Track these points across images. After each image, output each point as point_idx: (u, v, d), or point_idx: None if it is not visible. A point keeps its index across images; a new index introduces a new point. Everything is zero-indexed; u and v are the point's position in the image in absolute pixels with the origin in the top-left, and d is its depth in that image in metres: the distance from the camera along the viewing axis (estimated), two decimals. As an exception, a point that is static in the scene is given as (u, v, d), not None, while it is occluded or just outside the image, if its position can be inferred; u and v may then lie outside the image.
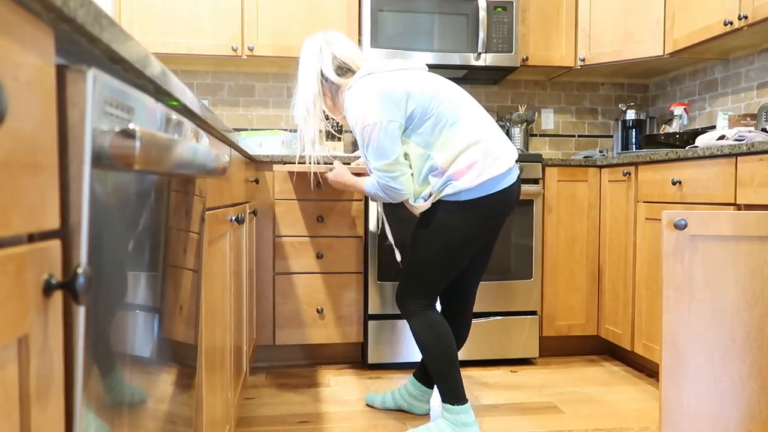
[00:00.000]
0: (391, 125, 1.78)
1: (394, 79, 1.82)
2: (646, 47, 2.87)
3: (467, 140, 1.77)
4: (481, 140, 1.78)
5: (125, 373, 0.69)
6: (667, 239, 1.61)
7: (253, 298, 2.43)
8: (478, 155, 1.76)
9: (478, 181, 1.75)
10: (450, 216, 1.80)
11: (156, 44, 2.78)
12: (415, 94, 1.79)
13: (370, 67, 1.87)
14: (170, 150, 0.65)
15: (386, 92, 1.79)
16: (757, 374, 1.59)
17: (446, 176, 1.77)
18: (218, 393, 1.41)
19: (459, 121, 1.79)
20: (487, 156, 1.77)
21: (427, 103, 1.79)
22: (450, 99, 1.81)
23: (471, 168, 1.76)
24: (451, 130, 1.78)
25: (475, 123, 1.81)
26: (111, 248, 0.63)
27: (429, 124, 1.79)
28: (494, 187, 1.77)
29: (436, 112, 1.79)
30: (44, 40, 0.51)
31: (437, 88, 1.82)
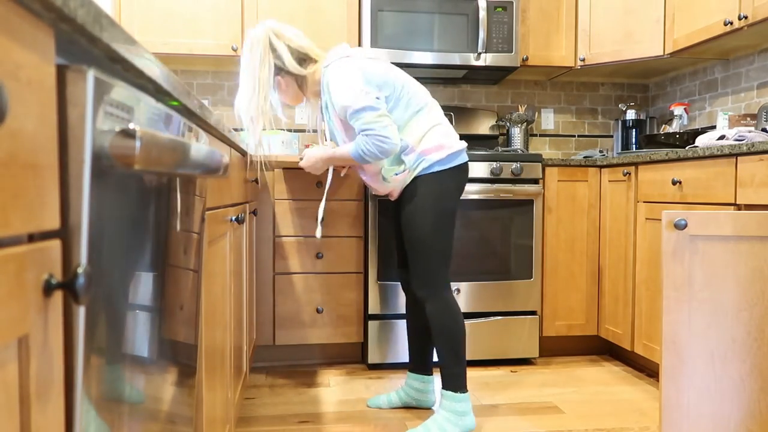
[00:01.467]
0: (376, 97, 1.89)
1: (372, 64, 1.94)
2: (646, 47, 2.87)
3: (431, 123, 1.97)
4: (441, 123, 1.99)
5: (125, 372, 0.69)
6: (667, 239, 1.60)
7: (253, 298, 2.43)
8: (441, 134, 1.97)
9: (446, 153, 1.94)
10: (430, 187, 1.95)
11: (156, 44, 2.78)
12: (390, 81, 1.93)
13: (344, 51, 1.96)
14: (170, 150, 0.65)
15: (368, 74, 1.90)
16: (758, 374, 1.59)
17: (417, 154, 1.94)
18: (218, 393, 1.41)
19: (424, 108, 1.98)
20: (448, 135, 1.98)
21: (399, 91, 1.94)
22: (416, 89, 2.00)
23: (438, 145, 1.95)
24: (418, 115, 1.97)
25: (435, 110, 2.02)
26: (111, 248, 0.63)
27: (400, 109, 1.94)
28: (457, 160, 1.97)
29: (406, 99, 1.95)
30: (44, 40, 0.51)
31: (405, 79, 1.99)
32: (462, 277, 2.65)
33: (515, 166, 2.65)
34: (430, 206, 1.94)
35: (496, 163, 2.65)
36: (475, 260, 2.65)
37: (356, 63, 1.91)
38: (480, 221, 2.65)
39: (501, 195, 2.64)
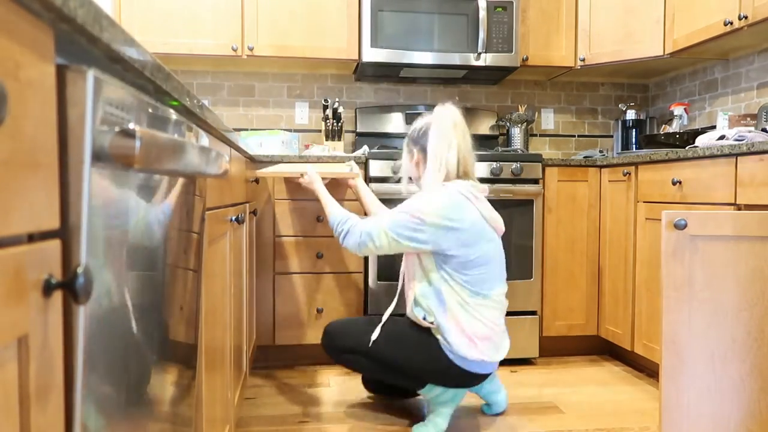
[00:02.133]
0: (423, 233, 1.85)
1: (474, 216, 1.88)
2: (646, 47, 2.87)
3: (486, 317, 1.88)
4: (493, 328, 1.89)
5: (125, 373, 0.69)
6: (667, 239, 1.60)
7: (253, 298, 2.43)
8: (485, 332, 1.86)
9: (475, 354, 1.84)
10: (435, 356, 1.87)
11: (156, 44, 2.78)
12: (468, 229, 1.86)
13: (462, 188, 1.90)
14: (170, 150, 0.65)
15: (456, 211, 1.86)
16: (758, 374, 1.59)
17: (450, 324, 1.86)
18: (218, 393, 1.41)
19: (492, 290, 1.91)
20: (490, 340, 1.88)
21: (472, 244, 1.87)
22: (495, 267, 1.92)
23: (471, 342, 1.85)
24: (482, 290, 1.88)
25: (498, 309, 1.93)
26: (111, 248, 0.63)
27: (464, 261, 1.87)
28: (478, 368, 1.86)
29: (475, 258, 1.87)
30: (44, 40, 0.51)
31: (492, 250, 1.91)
32: (462, 277, 2.64)
33: (515, 166, 2.65)
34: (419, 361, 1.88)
35: (496, 163, 2.65)
36: (475, 260, 2.65)
37: (457, 194, 1.87)
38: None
39: (501, 195, 2.64)
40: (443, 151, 1.93)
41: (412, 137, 2.03)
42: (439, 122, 1.95)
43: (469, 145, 1.98)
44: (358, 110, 3.22)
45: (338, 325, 2.05)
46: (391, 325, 1.98)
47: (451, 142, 1.93)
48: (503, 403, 2.12)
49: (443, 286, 1.86)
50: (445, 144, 1.93)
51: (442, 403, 1.95)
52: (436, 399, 1.94)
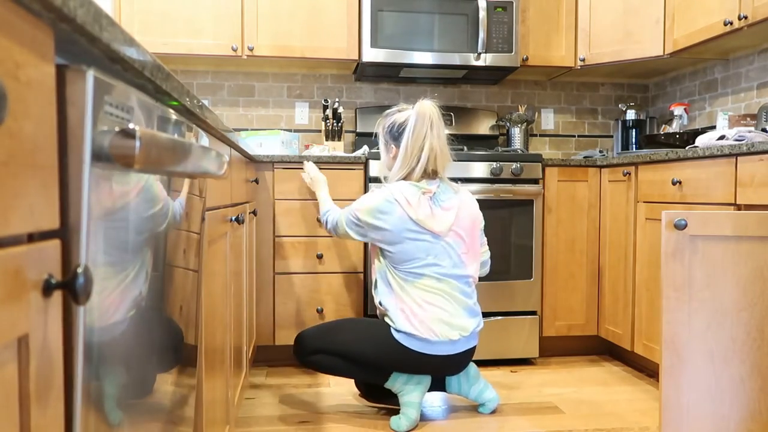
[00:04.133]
0: (360, 227, 2.05)
1: (411, 212, 1.98)
2: (646, 47, 2.87)
3: (427, 294, 2.00)
4: (440, 306, 1.99)
5: (125, 373, 0.69)
6: (667, 239, 1.60)
7: (253, 298, 2.43)
8: (425, 313, 1.97)
9: (415, 332, 1.94)
10: (391, 345, 2.00)
11: (156, 44, 2.78)
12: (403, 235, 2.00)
13: (399, 190, 2.01)
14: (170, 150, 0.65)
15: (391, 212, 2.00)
16: (758, 374, 1.59)
17: (394, 303, 2.02)
18: (218, 393, 1.41)
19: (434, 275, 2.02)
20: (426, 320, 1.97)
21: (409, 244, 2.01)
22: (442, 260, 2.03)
23: (409, 322, 1.97)
24: (419, 270, 2.01)
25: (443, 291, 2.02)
26: (111, 248, 0.63)
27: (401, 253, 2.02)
28: (425, 348, 1.95)
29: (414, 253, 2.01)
30: (44, 40, 0.51)
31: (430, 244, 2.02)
32: (462, 277, 2.64)
33: (515, 166, 2.65)
34: (376, 346, 1.99)
35: (496, 163, 2.65)
36: (475, 260, 2.65)
37: (382, 199, 2.00)
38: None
39: (501, 195, 2.64)
40: (415, 150, 2.02)
41: (391, 132, 2.10)
42: (417, 120, 2.02)
43: (444, 142, 2.06)
44: (358, 110, 3.22)
45: (307, 331, 2.14)
46: (354, 320, 2.16)
47: (425, 142, 2.01)
48: (495, 399, 2.14)
49: (387, 271, 2.04)
50: (418, 144, 2.02)
51: (408, 393, 2.02)
52: (402, 389, 2.03)
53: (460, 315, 2.00)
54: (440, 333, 1.93)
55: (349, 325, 2.10)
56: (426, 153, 2.00)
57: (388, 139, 2.11)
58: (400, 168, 2.04)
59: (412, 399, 2.00)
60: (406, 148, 2.02)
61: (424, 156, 2.00)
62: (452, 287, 2.01)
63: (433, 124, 2.01)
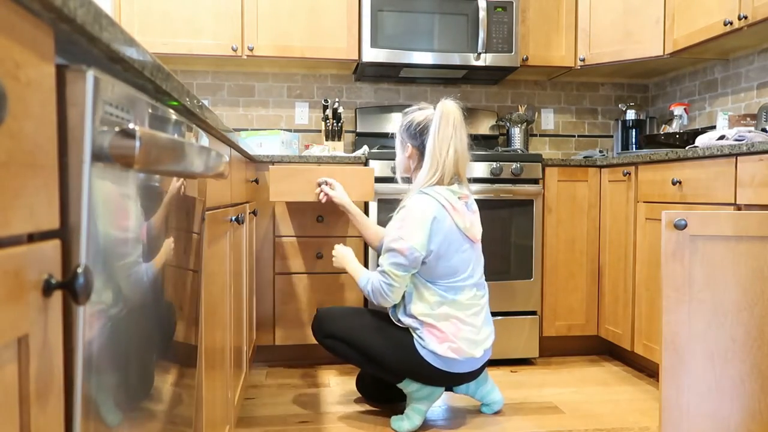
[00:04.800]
0: (416, 259, 1.89)
1: (446, 218, 1.91)
2: (646, 47, 2.87)
3: (453, 312, 1.93)
4: (466, 321, 1.93)
5: (125, 373, 0.69)
6: (667, 239, 1.60)
7: (253, 298, 2.43)
8: (453, 327, 1.91)
9: (446, 352, 1.89)
10: (412, 357, 1.93)
11: (156, 44, 2.78)
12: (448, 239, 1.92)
13: (441, 197, 1.93)
14: (170, 150, 0.65)
15: (438, 224, 1.90)
16: (758, 374, 1.59)
17: (418, 321, 1.93)
18: (218, 393, 1.41)
19: (461, 291, 1.96)
20: (460, 338, 1.92)
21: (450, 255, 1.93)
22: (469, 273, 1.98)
23: (442, 336, 1.90)
24: (447, 292, 1.94)
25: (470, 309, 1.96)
26: (111, 248, 0.63)
27: (435, 269, 1.93)
28: (455, 367, 1.92)
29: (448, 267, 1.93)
30: (44, 40, 0.51)
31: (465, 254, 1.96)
32: (462, 277, 2.64)
33: (515, 166, 2.65)
34: (394, 351, 1.94)
35: (496, 163, 2.65)
36: (475, 260, 2.65)
37: (433, 208, 1.89)
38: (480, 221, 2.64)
39: (501, 195, 2.64)
40: (443, 153, 1.93)
41: (408, 131, 2.02)
42: (441, 121, 1.93)
43: (466, 145, 1.97)
44: (358, 110, 3.22)
45: (328, 310, 2.10)
46: (376, 316, 2.06)
47: (450, 144, 1.92)
48: (500, 401, 2.13)
49: (421, 285, 1.93)
50: (445, 146, 1.92)
51: (418, 400, 1.99)
52: (413, 394, 1.99)
53: (483, 328, 1.98)
54: (467, 352, 1.90)
55: (372, 323, 2.01)
56: (452, 156, 1.92)
57: (405, 137, 2.03)
58: (429, 171, 1.93)
59: (421, 406, 1.98)
60: (432, 150, 1.93)
61: (451, 159, 1.92)
62: (484, 298, 2.00)
63: (457, 126, 1.93)
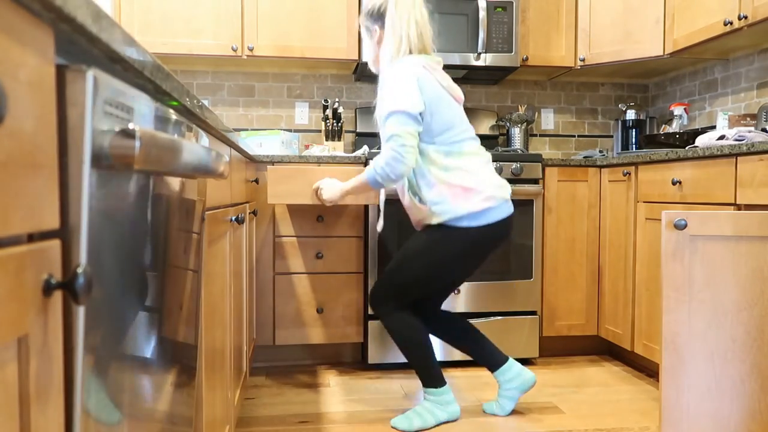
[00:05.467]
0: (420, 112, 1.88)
1: (427, 76, 1.91)
2: (646, 47, 2.87)
3: (467, 160, 1.94)
4: (480, 167, 1.95)
5: (125, 373, 0.69)
6: (667, 239, 1.60)
7: (253, 298, 2.43)
8: (474, 176, 1.92)
9: (479, 205, 1.88)
10: (455, 241, 1.92)
11: (156, 44, 2.78)
12: (438, 96, 1.92)
13: (418, 60, 1.93)
14: (170, 150, 0.65)
15: (422, 81, 1.90)
16: (758, 374, 1.59)
17: (439, 192, 1.91)
18: (218, 393, 1.41)
19: (465, 140, 1.98)
20: (483, 180, 1.92)
21: (445, 108, 1.94)
22: (463, 121, 2.00)
23: (465, 187, 1.89)
24: (454, 144, 1.94)
25: (480, 154, 2.00)
26: (111, 248, 0.63)
27: (436, 123, 1.92)
28: (494, 214, 1.91)
29: (449, 118, 1.94)
30: (44, 39, 0.51)
31: (456, 108, 1.99)
32: (462, 277, 2.65)
33: (515, 166, 2.65)
34: (429, 254, 1.93)
35: (496, 163, 2.65)
36: (475, 260, 2.65)
37: (414, 69, 1.89)
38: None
39: (501, 195, 2.64)
40: (403, 26, 1.94)
41: (371, 14, 2.01)
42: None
43: (427, 20, 1.99)
44: (358, 110, 3.22)
45: (376, 284, 2.08)
46: (411, 247, 2.00)
47: (411, 17, 1.95)
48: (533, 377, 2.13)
49: (421, 161, 1.91)
50: (405, 18, 1.94)
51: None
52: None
53: (498, 175, 2.01)
54: (499, 196, 1.91)
55: (405, 252, 1.99)
56: (414, 29, 1.93)
57: (369, 23, 2.02)
58: (394, 45, 1.93)
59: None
60: (393, 24, 1.93)
61: (414, 31, 1.93)
62: (487, 153, 2.02)
63: (416, 1, 1.96)
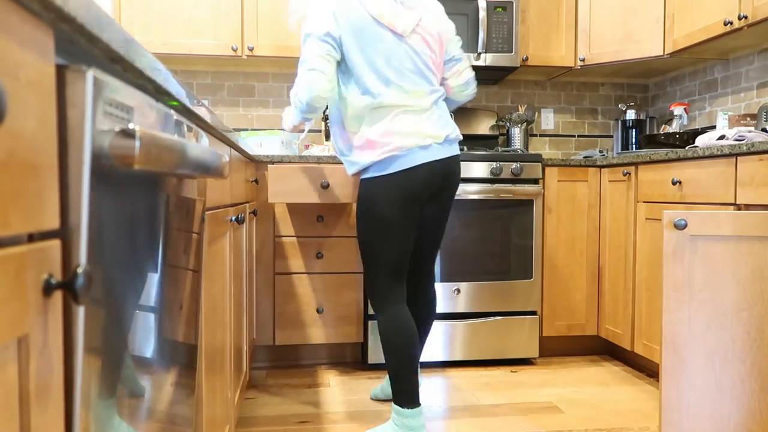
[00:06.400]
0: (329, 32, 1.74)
1: (356, 5, 1.78)
2: (646, 47, 2.87)
3: (385, 111, 1.79)
4: (397, 114, 1.80)
5: (125, 373, 0.69)
6: (667, 239, 1.60)
7: (253, 298, 2.43)
8: (384, 127, 1.78)
9: (381, 155, 1.77)
10: (363, 193, 1.84)
11: (156, 44, 2.78)
12: (364, 28, 1.78)
13: None
14: (170, 150, 0.65)
15: (340, 8, 1.77)
16: (757, 374, 1.59)
17: (350, 144, 1.84)
18: (218, 393, 1.41)
19: (391, 84, 1.80)
20: (392, 131, 1.77)
21: (371, 43, 1.78)
22: (399, 63, 1.82)
23: (369, 141, 1.78)
24: (377, 87, 1.79)
25: (408, 97, 1.82)
26: (111, 248, 0.63)
27: (358, 60, 1.78)
28: (397, 164, 1.77)
29: (373, 56, 1.78)
30: (44, 40, 0.51)
31: (391, 41, 1.80)
32: (462, 277, 2.65)
33: (515, 166, 2.65)
34: (361, 215, 1.85)
35: (496, 163, 2.65)
36: (475, 260, 2.65)
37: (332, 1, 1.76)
38: (480, 221, 2.65)
39: (501, 195, 2.64)
40: None
41: None
42: None
43: None
44: (358, 110, 3.22)
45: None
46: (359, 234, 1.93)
47: None
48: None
49: (342, 103, 1.83)
50: None
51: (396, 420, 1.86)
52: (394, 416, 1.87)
53: (426, 124, 1.81)
54: (406, 144, 1.75)
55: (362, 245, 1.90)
56: None
57: None
58: None
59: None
60: None
61: None
62: (417, 98, 1.81)
63: None
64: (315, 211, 2.59)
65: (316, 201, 2.32)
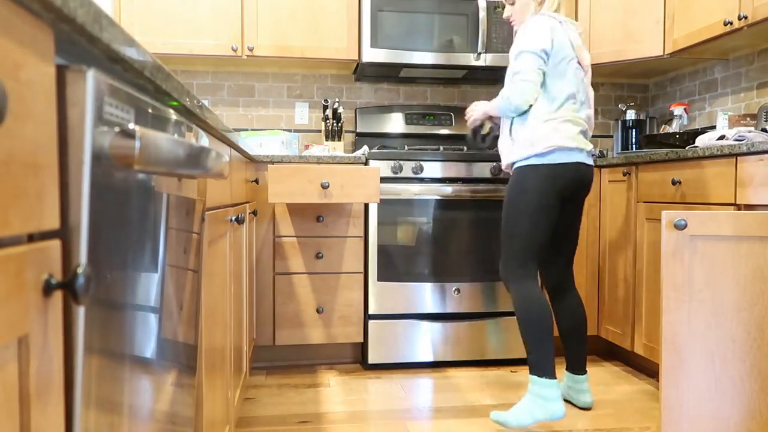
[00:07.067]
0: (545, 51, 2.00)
1: (560, 31, 2.04)
2: (646, 47, 2.87)
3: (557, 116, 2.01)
4: (562, 120, 2.01)
5: (125, 373, 0.69)
6: (667, 239, 1.60)
7: (253, 298, 2.43)
8: (546, 130, 1.99)
9: (540, 148, 1.97)
10: (517, 178, 2.04)
11: (156, 44, 2.78)
12: (564, 51, 2.03)
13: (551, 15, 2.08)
14: (170, 150, 0.65)
15: (555, 33, 2.02)
16: (757, 374, 1.59)
17: (522, 140, 2.04)
18: (218, 393, 1.41)
19: (569, 99, 2.05)
20: (551, 135, 1.99)
21: (564, 65, 2.04)
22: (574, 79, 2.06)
23: (530, 141, 2.00)
24: (556, 100, 2.03)
25: (576, 109, 2.06)
26: (111, 248, 0.63)
27: (551, 79, 2.03)
28: (552, 157, 1.98)
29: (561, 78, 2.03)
30: (44, 40, 0.51)
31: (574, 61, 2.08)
32: (462, 277, 2.65)
33: (515, 166, 2.65)
34: (512, 199, 2.03)
35: (496, 163, 2.65)
36: (475, 260, 2.65)
37: (550, 22, 2.01)
38: (480, 221, 2.65)
39: (501, 195, 2.64)
40: None
41: None
42: None
43: None
44: (358, 110, 3.22)
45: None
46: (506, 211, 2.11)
47: None
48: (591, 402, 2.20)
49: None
50: None
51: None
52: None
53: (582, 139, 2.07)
54: (566, 144, 1.98)
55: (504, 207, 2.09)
56: None
57: None
58: (532, 4, 2.09)
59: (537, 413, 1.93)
60: None
61: None
62: (581, 124, 2.06)
63: None
64: (315, 211, 2.59)
65: (316, 201, 2.32)
